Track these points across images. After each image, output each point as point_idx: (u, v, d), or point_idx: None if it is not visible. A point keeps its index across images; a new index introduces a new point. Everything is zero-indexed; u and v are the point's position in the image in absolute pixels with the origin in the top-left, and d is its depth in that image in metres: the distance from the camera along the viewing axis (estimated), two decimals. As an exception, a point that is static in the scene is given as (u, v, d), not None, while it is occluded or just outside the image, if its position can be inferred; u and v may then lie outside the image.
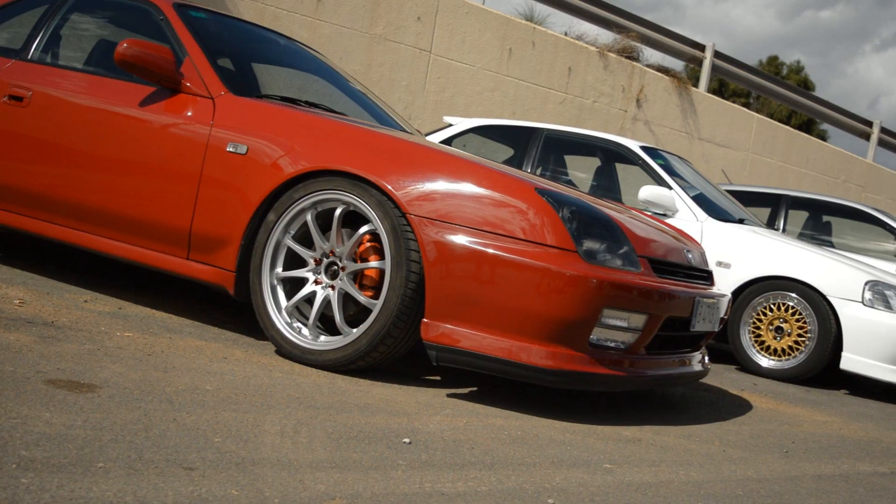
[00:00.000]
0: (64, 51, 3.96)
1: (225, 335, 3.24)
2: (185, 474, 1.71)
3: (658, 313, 2.96)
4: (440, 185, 2.86)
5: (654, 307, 2.95)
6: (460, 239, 2.78)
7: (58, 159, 3.51)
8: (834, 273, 5.06)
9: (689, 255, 3.41)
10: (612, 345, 2.91)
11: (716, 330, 3.45)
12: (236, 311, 3.81)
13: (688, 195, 5.49)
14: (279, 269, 3.06)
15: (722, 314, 3.48)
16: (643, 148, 5.80)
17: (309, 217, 3.01)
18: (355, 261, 2.98)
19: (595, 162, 6.32)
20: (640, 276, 2.95)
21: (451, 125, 6.53)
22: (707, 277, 3.53)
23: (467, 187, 2.85)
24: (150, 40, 3.50)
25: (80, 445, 1.76)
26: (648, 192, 5.27)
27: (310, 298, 3.03)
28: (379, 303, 2.85)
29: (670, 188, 5.47)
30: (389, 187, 2.87)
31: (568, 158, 6.34)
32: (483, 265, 2.75)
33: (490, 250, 2.75)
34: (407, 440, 2.24)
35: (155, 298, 3.68)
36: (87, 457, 1.70)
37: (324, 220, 3.04)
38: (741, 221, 5.59)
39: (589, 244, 2.85)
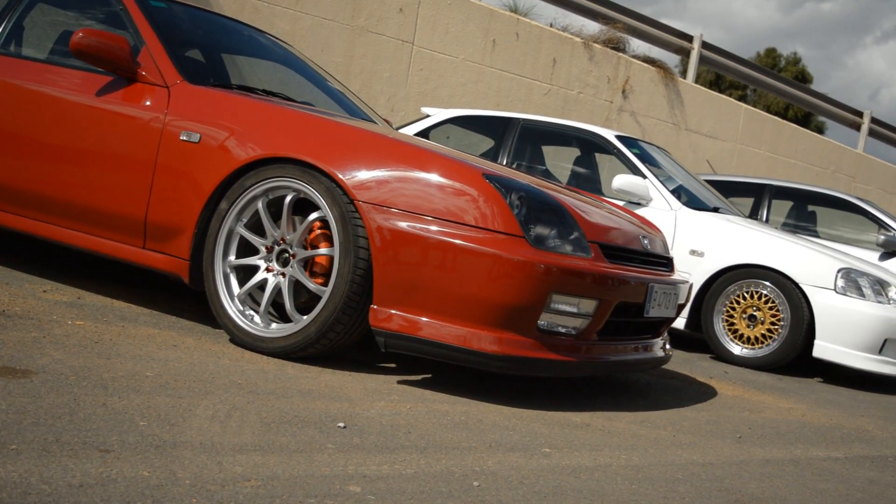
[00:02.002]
0: (25, 40, 3.96)
1: (181, 323, 3.24)
2: (99, 456, 1.71)
3: (609, 298, 2.96)
4: (389, 173, 2.85)
5: (605, 293, 2.94)
6: (407, 225, 2.77)
7: (14, 149, 3.50)
8: (806, 261, 5.06)
9: (646, 242, 3.40)
10: (563, 330, 2.91)
11: (673, 316, 3.45)
12: (196, 301, 3.81)
13: (662, 184, 5.48)
14: (232, 258, 3.06)
15: (681, 300, 3.48)
16: (618, 137, 5.79)
17: (260, 205, 3.01)
18: (306, 248, 2.98)
19: (573, 152, 6.31)
20: (591, 261, 2.94)
21: (428, 116, 6.52)
22: (666, 264, 3.52)
23: (416, 174, 2.84)
24: (109, 29, 3.49)
25: (-3, 429, 1.76)
26: (622, 181, 5.26)
27: (262, 286, 3.03)
28: (328, 290, 2.85)
29: (644, 177, 5.46)
30: (338, 174, 2.86)
31: (545, 149, 6.33)
32: (430, 251, 2.75)
33: (437, 236, 2.75)
34: (342, 424, 2.24)
35: (116, 288, 3.68)
36: (0, 439, 1.70)
37: (276, 208, 3.04)
38: (716, 210, 5.58)
39: (538, 230, 2.84)
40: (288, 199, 2.96)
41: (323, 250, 2.92)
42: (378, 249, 2.78)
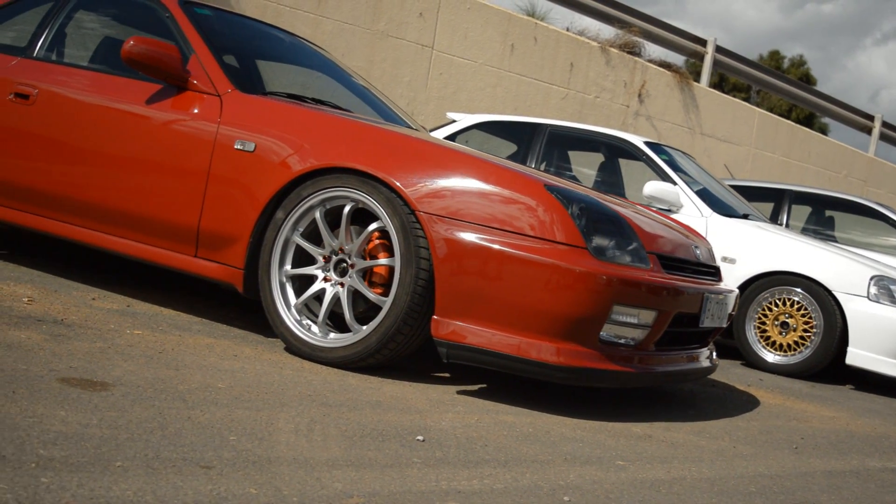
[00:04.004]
0: (69, 48, 3.96)
1: (233, 332, 3.24)
2: (203, 473, 1.71)
3: (668, 309, 2.96)
4: (449, 182, 2.85)
5: (664, 303, 2.94)
6: (470, 236, 2.77)
7: (65, 157, 3.50)
8: (839, 268, 5.06)
9: (697, 251, 3.40)
10: (622, 341, 2.91)
11: (724, 326, 3.45)
12: (242, 308, 3.81)
13: (692, 190, 5.49)
14: (288, 267, 3.06)
15: (730, 310, 3.48)
16: (647, 143, 5.79)
17: (318, 214, 3.01)
18: (364, 258, 2.97)
19: (598, 157, 6.32)
20: (650, 272, 2.95)
21: (454, 121, 6.53)
22: (715, 273, 3.53)
23: (477, 184, 2.84)
24: (156, 37, 3.49)
25: (98, 444, 1.75)
26: (653, 187, 5.27)
27: (318, 296, 3.03)
28: (389, 300, 2.85)
29: (674, 184, 5.47)
30: (399, 184, 2.86)
31: (571, 154, 6.33)
32: (493, 262, 2.75)
33: (500, 247, 2.75)
34: (420, 437, 2.24)
35: (162, 296, 3.68)
36: (104, 455, 1.70)
37: (332, 218, 3.04)
38: (746, 217, 5.59)
39: (598, 241, 2.85)
40: (346, 209, 2.96)
41: (383, 260, 2.92)
42: (440, 260, 2.78)
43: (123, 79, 3.51)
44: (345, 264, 2.99)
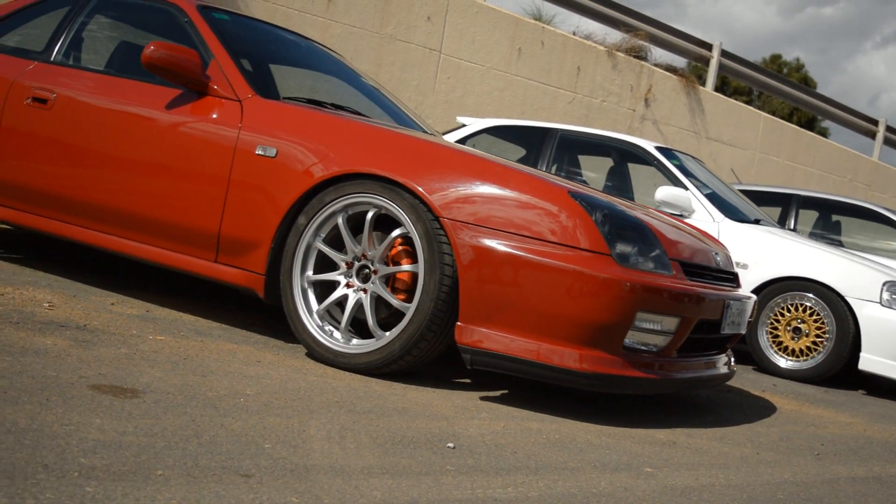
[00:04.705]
0: (86, 53, 3.96)
1: (254, 338, 3.24)
2: (243, 481, 1.70)
3: (690, 316, 2.96)
4: (473, 189, 2.86)
5: (687, 310, 2.95)
6: (494, 243, 2.77)
7: (84, 161, 3.50)
8: (852, 273, 5.07)
9: (717, 257, 3.41)
10: (645, 348, 2.91)
11: (743, 332, 3.45)
12: (259, 313, 3.81)
13: (703, 196, 5.49)
14: (310, 273, 3.06)
15: (749, 316, 3.48)
16: (658, 148, 5.80)
17: (340, 220, 3.01)
18: (387, 264, 2.97)
19: (606, 162, 6.32)
20: (673, 278, 2.95)
21: (464, 125, 6.53)
22: (734, 279, 3.53)
23: (500, 191, 2.84)
24: (174, 42, 3.49)
25: (136, 452, 1.75)
26: (665, 192, 5.27)
27: (340, 302, 3.02)
28: (412, 306, 2.85)
29: (686, 189, 5.47)
30: (422, 190, 2.86)
31: (582, 158, 6.34)
32: (518, 269, 2.75)
33: (524, 254, 2.75)
34: (451, 445, 2.24)
35: (180, 300, 3.68)
36: (145, 464, 1.70)
37: (353, 223, 3.04)
38: (757, 222, 5.59)
39: (622, 247, 2.85)
40: (370, 215, 2.96)
41: (406, 267, 2.92)
42: (465, 267, 2.78)
43: (142, 83, 3.51)
44: (367, 270, 2.99)
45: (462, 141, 6.31)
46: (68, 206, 3.52)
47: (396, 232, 2.92)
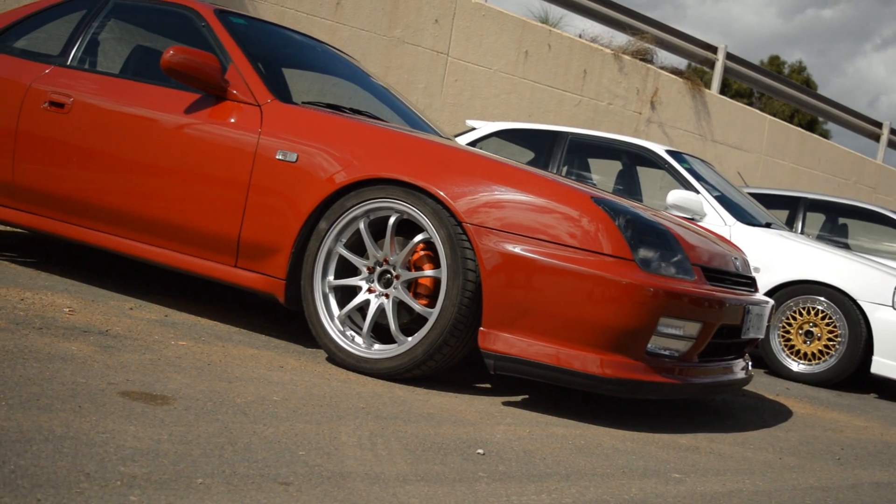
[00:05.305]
0: (103, 57, 3.96)
1: (273, 343, 3.24)
2: (283, 490, 1.70)
3: (712, 321, 2.96)
4: (496, 194, 2.86)
5: (709, 315, 2.95)
6: (517, 248, 2.77)
7: (102, 166, 3.50)
8: (863, 277, 5.07)
9: (736, 262, 3.41)
10: (667, 353, 2.92)
11: (762, 337, 3.45)
12: (276, 317, 3.81)
13: (715, 199, 5.49)
14: (331, 278, 3.06)
15: (767, 321, 3.49)
16: (668, 152, 5.80)
17: (362, 225, 3.01)
18: (409, 269, 2.97)
19: (615, 165, 6.32)
20: (695, 283, 2.95)
21: (473, 129, 6.53)
22: (752, 284, 3.53)
23: (523, 196, 2.84)
24: (191, 47, 3.49)
25: (174, 460, 1.75)
26: (677, 196, 5.27)
27: (361, 307, 3.02)
28: (435, 311, 2.85)
29: (697, 192, 5.48)
30: (445, 195, 2.86)
31: (592, 162, 6.34)
32: (541, 274, 2.75)
33: (548, 259, 2.75)
34: (481, 451, 2.24)
35: (197, 305, 3.68)
36: (184, 472, 1.70)
37: (374, 228, 3.04)
38: (768, 225, 5.60)
39: (644, 252, 2.85)
40: (392, 220, 2.96)
41: (429, 272, 2.92)
42: (488, 272, 2.78)
43: (160, 88, 3.51)
44: (389, 275, 2.99)
45: (472, 144, 6.31)
46: (86, 210, 3.51)
47: (419, 237, 2.92)
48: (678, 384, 2.92)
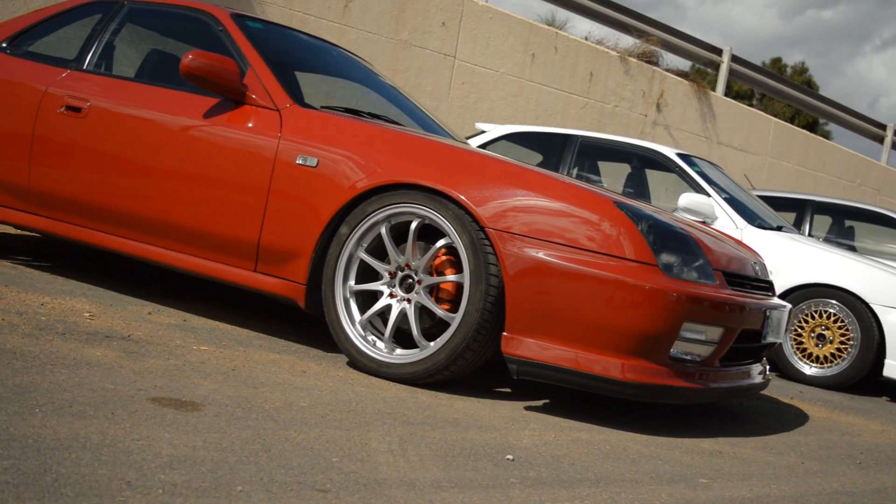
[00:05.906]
0: (119, 61, 3.96)
1: (293, 347, 3.24)
2: (321, 497, 1.71)
3: (734, 326, 2.97)
4: (518, 199, 2.86)
5: (731, 320, 2.95)
6: (540, 253, 2.78)
7: (119, 170, 3.50)
8: (875, 280, 5.07)
9: (755, 267, 3.41)
10: (689, 358, 2.92)
11: (780, 341, 3.45)
12: (294, 321, 3.81)
13: (726, 202, 5.50)
14: (352, 283, 3.06)
15: (785, 325, 3.49)
16: (679, 155, 5.80)
17: (383, 230, 3.01)
18: (431, 274, 2.97)
19: (624, 168, 6.33)
20: (716, 288, 2.95)
21: (483, 132, 6.54)
22: (769, 288, 3.53)
23: (545, 201, 2.85)
24: (208, 51, 3.49)
25: (212, 468, 1.76)
26: (688, 199, 5.27)
27: (382, 312, 3.03)
28: (458, 316, 2.85)
29: (708, 195, 5.48)
30: (467, 200, 2.87)
31: (602, 165, 6.34)
32: (564, 279, 2.75)
33: (570, 264, 2.75)
34: (510, 457, 2.24)
35: (214, 309, 3.68)
36: (223, 480, 1.70)
37: (396, 233, 3.04)
38: (779, 228, 5.60)
39: (667, 257, 2.85)
40: (413, 225, 2.96)
41: (451, 277, 2.92)
42: (511, 277, 2.78)
43: (177, 92, 3.51)
44: (411, 280, 2.99)
45: (481, 147, 6.31)
46: (104, 215, 3.52)
47: (441, 242, 2.92)
48: (700, 389, 2.92)
